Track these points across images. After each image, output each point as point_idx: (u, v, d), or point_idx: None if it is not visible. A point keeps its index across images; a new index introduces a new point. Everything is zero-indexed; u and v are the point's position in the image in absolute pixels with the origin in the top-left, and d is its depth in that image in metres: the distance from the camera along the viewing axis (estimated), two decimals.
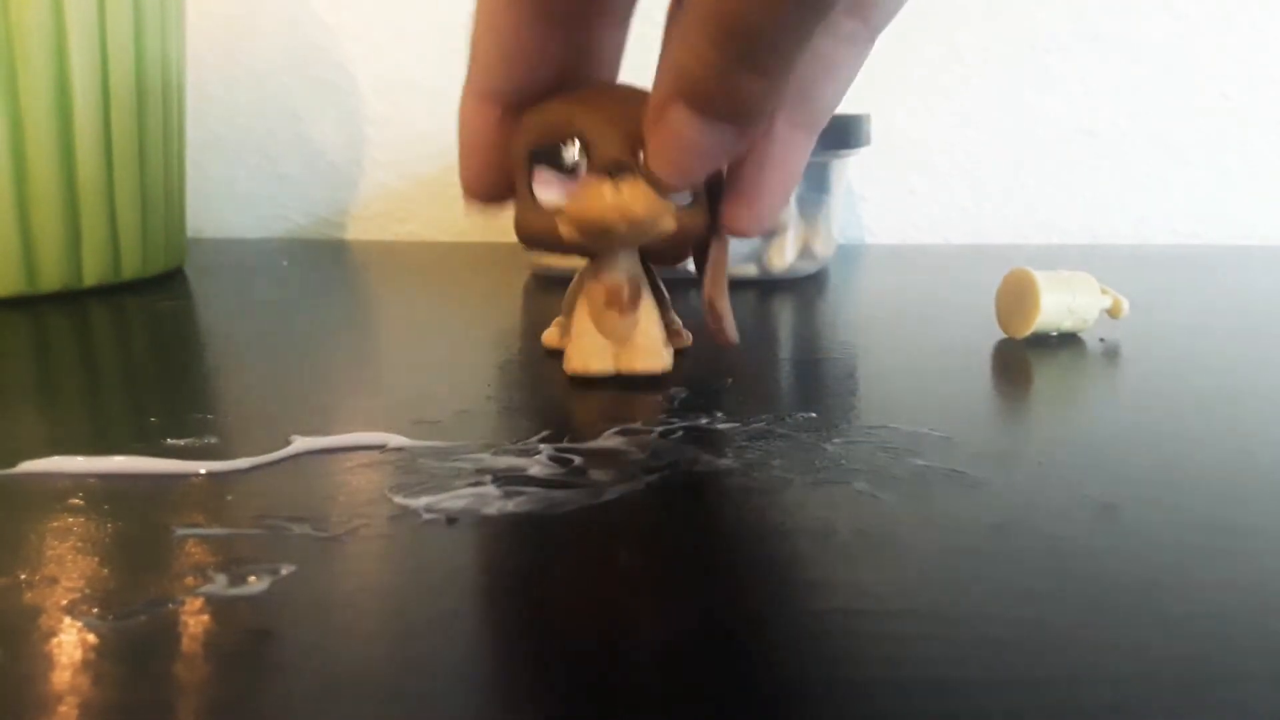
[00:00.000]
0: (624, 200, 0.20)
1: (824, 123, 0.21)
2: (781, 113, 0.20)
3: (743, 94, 0.17)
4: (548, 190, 0.21)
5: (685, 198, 0.21)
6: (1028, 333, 0.27)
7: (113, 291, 0.35)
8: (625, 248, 0.22)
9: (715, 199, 0.22)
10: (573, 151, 0.20)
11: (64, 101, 0.33)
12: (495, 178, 0.22)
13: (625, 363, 0.23)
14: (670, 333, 0.24)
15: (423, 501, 0.16)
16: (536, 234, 0.21)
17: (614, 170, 0.20)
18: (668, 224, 0.21)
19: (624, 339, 0.23)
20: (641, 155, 0.20)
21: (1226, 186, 0.51)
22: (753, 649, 0.11)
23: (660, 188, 0.20)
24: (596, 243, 0.21)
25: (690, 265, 0.24)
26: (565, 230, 0.21)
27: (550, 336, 0.26)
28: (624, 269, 0.22)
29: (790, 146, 0.21)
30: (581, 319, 0.23)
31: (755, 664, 0.11)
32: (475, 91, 0.21)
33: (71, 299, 0.34)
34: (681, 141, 0.18)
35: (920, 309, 0.32)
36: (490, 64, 0.21)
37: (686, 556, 0.14)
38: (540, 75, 0.21)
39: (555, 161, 0.20)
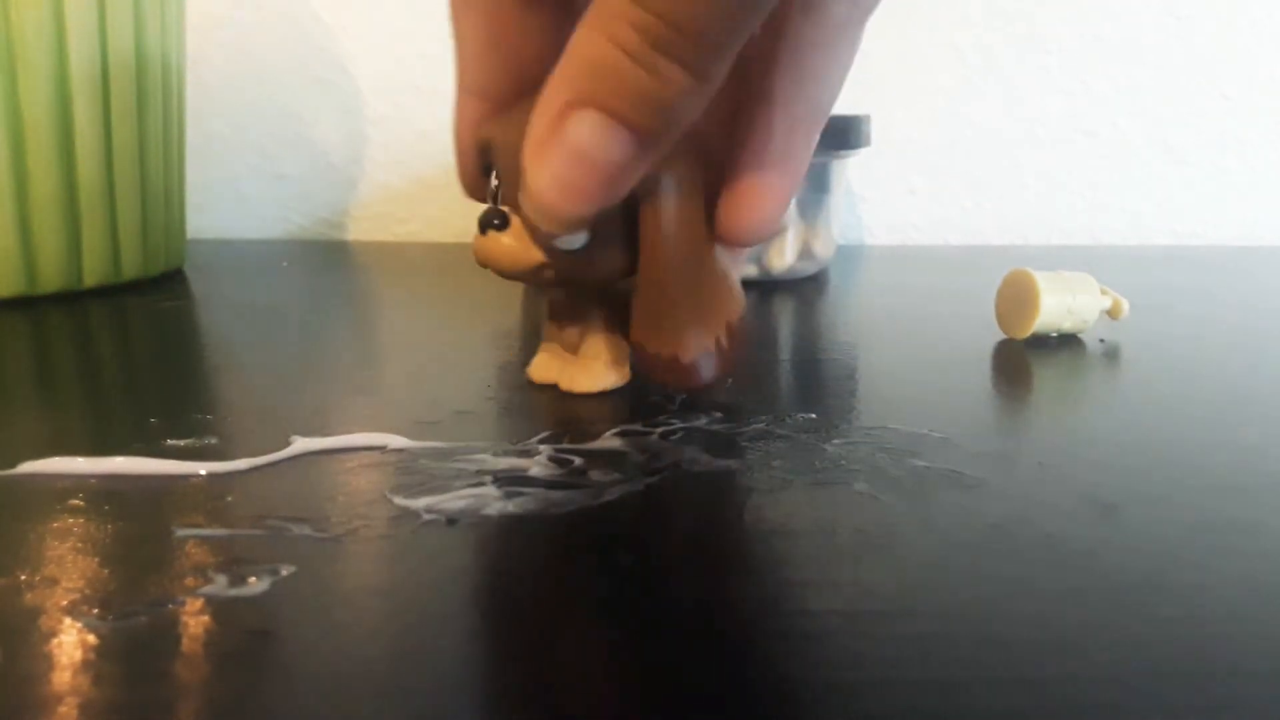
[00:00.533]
0: (485, 249, 0.19)
1: (825, 116, 0.19)
2: (779, 107, 0.19)
3: (667, 89, 0.15)
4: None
5: (576, 240, 0.19)
6: (1028, 333, 0.27)
7: (113, 292, 0.35)
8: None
9: (633, 233, 0.19)
10: (493, 180, 0.20)
11: (64, 102, 0.33)
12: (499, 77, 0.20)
13: (566, 380, 0.22)
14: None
15: (423, 502, 0.16)
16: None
17: (485, 222, 0.19)
18: (545, 274, 0.19)
19: (573, 350, 0.22)
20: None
21: (1226, 187, 0.51)
22: (753, 649, 0.11)
23: (538, 232, 0.17)
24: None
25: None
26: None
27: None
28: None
29: (791, 143, 0.19)
30: (545, 328, 0.23)
31: (756, 664, 0.11)
32: (463, 87, 0.20)
33: (72, 299, 0.34)
34: (585, 159, 0.16)
35: (920, 309, 0.32)
36: (473, 56, 0.19)
37: (687, 557, 0.14)
38: (526, 66, 0.19)
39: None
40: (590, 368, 0.22)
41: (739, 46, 0.15)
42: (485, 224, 0.19)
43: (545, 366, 0.22)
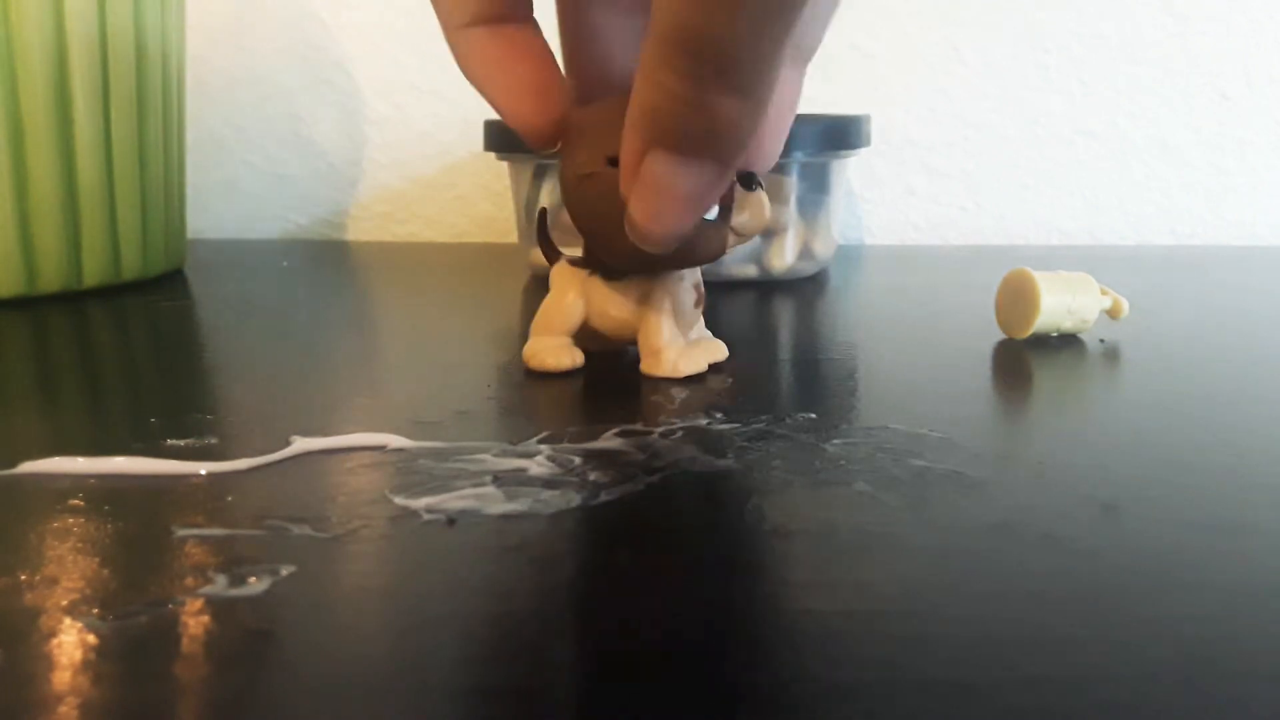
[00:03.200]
0: (756, 209, 0.21)
1: (813, 53, 0.21)
2: None
3: (722, 120, 0.16)
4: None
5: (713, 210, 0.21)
6: (1028, 333, 0.27)
7: (113, 292, 0.35)
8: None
9: None
10: None
11: (64, 102, 0.33)
12: (558, 104, 0.20)
13: (712, 356, 0.24)
14: None
15: (423, 502, 0.16)
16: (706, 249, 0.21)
17: (751, 180, 0.21)
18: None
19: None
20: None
21: (1226, 187, 0.51)
22: (753, 649, 0.11)
23: (650, 243, 0.19)
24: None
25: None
26: (733, 241, 0.22)
27: (554, 358, 0.23)
28: (697, 271, 0.24)
29: (786, 84, 0.20)
30: (665, 327, 0.23)
31: (755, 665, 0.11)
32: (475, 16, 0.19)
33: (72, 300, 0.34)
34: (666, 193, 0.17)
35: (920, 309, 0.32)
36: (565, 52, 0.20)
37: (686, 557, 0.14)
38: (610, 63, 0.20)
39: None
40: (718, 341, 0.24)
41: (778, 61, 0.15)
42: (752, 180, 0.21)
43: (691, 354, 0.23)
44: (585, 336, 0.24)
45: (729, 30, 0.14)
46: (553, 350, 0.23)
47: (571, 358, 0.23)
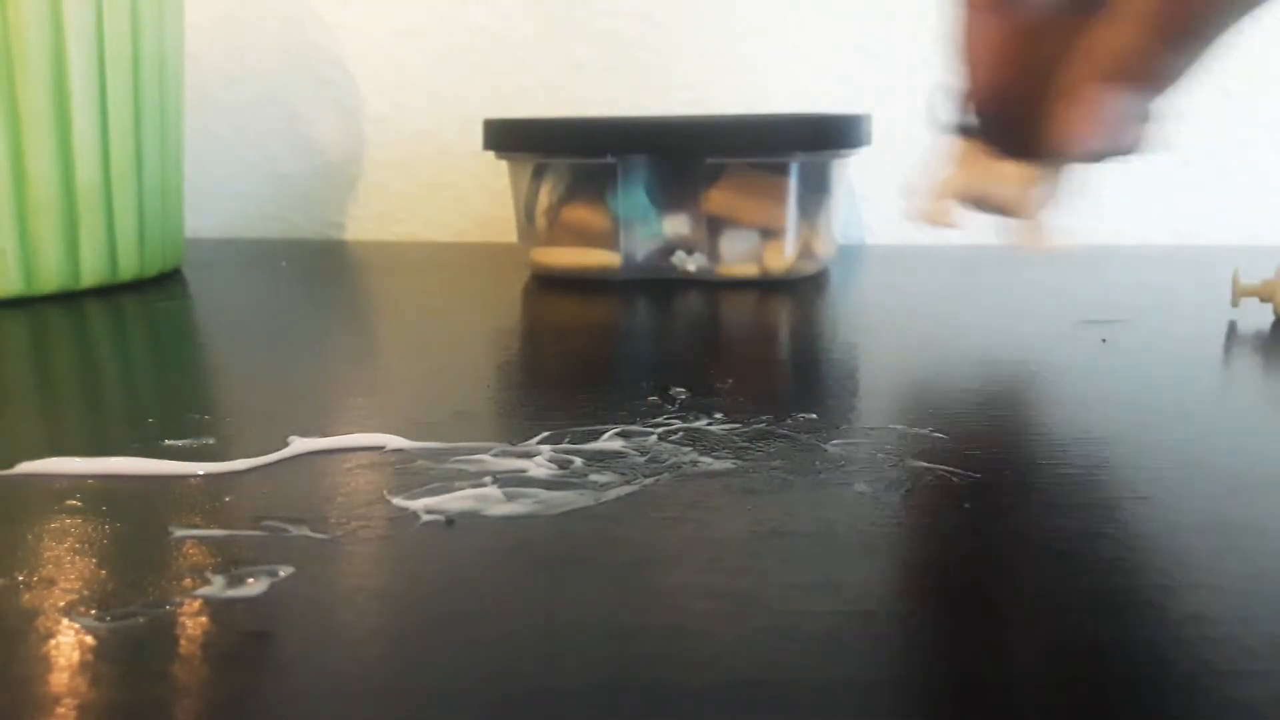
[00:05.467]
0: None
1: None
2: None
3: (1167, 70, 0.21)
4: None
5: None
6: None
7: (111, 292, 0.35)
8: None
9: None
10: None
11: (62, 102, 0.33)
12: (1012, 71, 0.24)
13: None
14: None
15: (422, 503, 0.16)
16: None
17: None
18: None
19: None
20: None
21: (1229, 186, 0.51)
22: (752, 649, 0.11)
23: (1072, 152, 0.22)
24: None
25: None
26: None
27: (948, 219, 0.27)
28: None
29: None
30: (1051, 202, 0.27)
31: (755, 664, 0.11)
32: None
33: (70, 299, 0.34)
34: (1101, 113, 0.21)
35: (920, 309, 0.32)
36: None
37: (686, 558, 0.14)
38: None
39: None
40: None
41: (1225, 28, 0.20)
42: None
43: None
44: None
45: (1204, 12, 0.19)
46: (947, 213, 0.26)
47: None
